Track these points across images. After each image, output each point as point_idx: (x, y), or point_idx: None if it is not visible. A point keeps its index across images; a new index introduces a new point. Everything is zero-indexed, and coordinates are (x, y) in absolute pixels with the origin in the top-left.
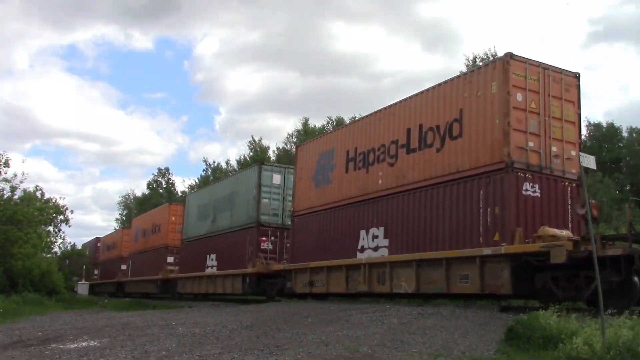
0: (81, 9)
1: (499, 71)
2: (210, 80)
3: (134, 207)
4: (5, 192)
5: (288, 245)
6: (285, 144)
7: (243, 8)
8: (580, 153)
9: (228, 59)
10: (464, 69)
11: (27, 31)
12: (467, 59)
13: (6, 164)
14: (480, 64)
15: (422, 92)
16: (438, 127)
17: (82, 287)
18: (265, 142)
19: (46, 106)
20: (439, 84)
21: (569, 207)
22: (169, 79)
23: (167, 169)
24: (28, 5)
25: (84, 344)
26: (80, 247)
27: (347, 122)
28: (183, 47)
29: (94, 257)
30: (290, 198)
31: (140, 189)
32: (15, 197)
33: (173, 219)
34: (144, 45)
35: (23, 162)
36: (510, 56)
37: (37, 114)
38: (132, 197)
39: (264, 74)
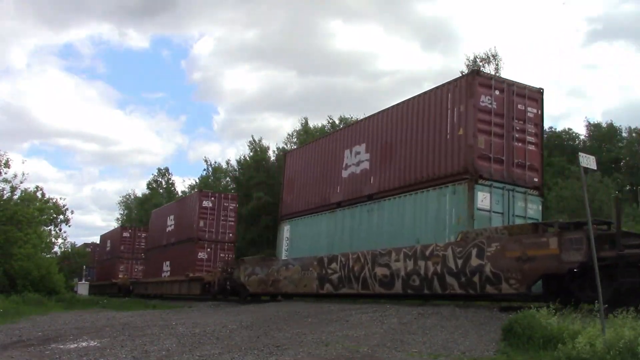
0: (75, 7)
1: None
2: (207, 79)
3: (134, 207)
4: (5, 192)
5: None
6: (286, 144)
7: (239, 6)
8: (580, 153)
9: (225, 57)
10: (465, 69)
11: (22, 30)
12: (468, 59)
13: (6, 164)
14: (480, 64)
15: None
16: None
17: (82, 287)
18: (265, 142)
19: (44, 105)
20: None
21: None
22: (166, 79)
23: (167, 169)
24: (22, 4)
25: (84, 344)
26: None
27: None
28: (179, 46)
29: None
30: None
31: (140, 188)
32: (15, 197)
33: None
34: (140, 44)
35: (23, 162)
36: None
37: (35, 113)
38: (132, 197)
39: (261, 73)
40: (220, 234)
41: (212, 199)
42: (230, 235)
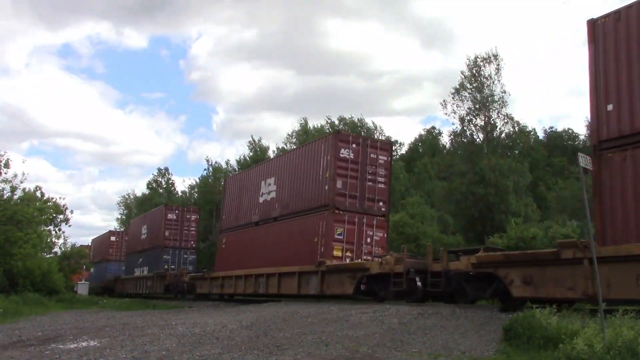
0: (72, 6)
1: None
2: (206, 79)
3: (134, 207)
4: (5, 192)
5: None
6: (285, 144)
7: (238, 5)
8: (579, 153)
9: (224, 57)
10: (465, 69)
11: (20, 29)
12: (469, 59)
13: (6, 164)
14: (481, 64)
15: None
16: None
17: (82, 287)
18: (264, 142)
19: (43, 105)
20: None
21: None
22: (165, 78)
23: (166, 169)
24: (20, 3)
25: (84, 344)
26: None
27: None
28: (178, 45)
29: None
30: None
31: (139, 188)
32: (15, 197)
33: None
34: (138, 44)
35: (23, 162)
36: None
37: (34, 113)
38: (132, 197)
39: (260, 72)
40: None
41: None
42: None
